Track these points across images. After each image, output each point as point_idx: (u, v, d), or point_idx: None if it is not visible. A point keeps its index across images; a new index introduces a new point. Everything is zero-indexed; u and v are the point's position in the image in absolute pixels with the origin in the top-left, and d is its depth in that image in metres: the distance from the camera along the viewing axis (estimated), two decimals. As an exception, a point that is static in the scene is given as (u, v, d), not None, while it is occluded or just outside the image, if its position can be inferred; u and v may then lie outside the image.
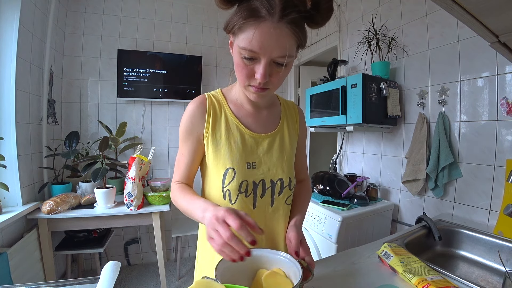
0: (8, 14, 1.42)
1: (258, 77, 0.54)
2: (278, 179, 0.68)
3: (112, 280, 0.59)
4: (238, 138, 0.66)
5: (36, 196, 1.67)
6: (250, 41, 0.51)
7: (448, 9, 0.48)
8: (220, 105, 0.68)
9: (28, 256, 1.45)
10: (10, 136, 1.44)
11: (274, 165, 0.68)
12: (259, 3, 0.49)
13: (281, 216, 0.69)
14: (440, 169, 1.29)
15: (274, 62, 0.54)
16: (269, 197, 0.67)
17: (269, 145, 0.69)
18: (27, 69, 1.58)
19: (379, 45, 1.59)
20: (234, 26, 0.53)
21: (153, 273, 2.22)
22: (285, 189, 0.69)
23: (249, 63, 0.55)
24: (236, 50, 0.56)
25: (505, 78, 1.09)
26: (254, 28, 0.50)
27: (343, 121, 1.51)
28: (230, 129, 0.66)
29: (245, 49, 0.52)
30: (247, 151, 0.66)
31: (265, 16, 0.49)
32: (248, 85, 0.59)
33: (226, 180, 0.64)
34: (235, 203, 0.64)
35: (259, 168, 0.66)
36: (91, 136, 2.19)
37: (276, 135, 0.71)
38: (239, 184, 0.63)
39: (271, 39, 0.50)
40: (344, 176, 1.76)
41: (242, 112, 0.69)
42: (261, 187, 0.66)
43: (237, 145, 0.65)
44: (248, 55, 0.53)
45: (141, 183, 1.73)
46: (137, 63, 2.22)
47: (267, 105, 0.73)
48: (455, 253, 1.06)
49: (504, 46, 0.60)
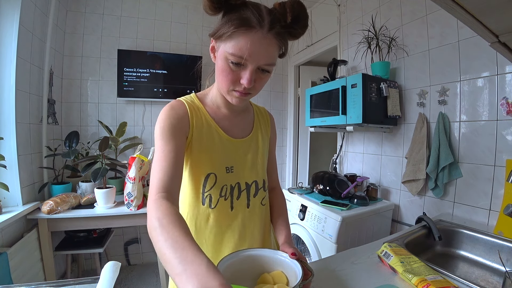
0: (8, 14, 1.42)
1: (244, 82, 0.56)
2: (253, 181, 0.71)
3: (112, 280, 0.59)
4: (219, 143, 0.67)
5: (36, 196, 1.67)
6: (241, 49, 0.53)
7: (448, 9, 0.48)
8: (198, 109, 0.67)
9: (28, 256, 1.45)
10: (10, 136, 1.44)
11: (249, 168, 0.70)
12: (250, 13, 0.53)
13: (257, 216, 0.72)
14: (440, 169, 1.29)
15: (259, 69, 0.57)
16: (245, 199, 0.70)
17: (245, 150, 0.71)
18: (27, 69, 1.58)
19: (379, 45, 1.59)
20: (224, 33, 0.55)
21: (153, 273, 2.22)
22: (260, 191, 0.72)
23: (236, 68, 0.56)
24: (222, 56, 0.57)
25: (505, 78, 1.09)
26: (246, 36, 0.53)
27: (343, 121, 1.51)
28: (211, 134, 0.66)
29: (235, 55, 0.54)
30: (226, 155, 0.68)
31: (256, 27, 0.52)
32: (232, 90, 0.60)
33: (207, 186, 0.65)
34: (215, 207, 0.66)
35: (236, 171, 0.68)
36: (91, 136, 2.19)
37: (251, 139, 0.73)
38: (220, 188, 0.65)
39: (260, 47, 0.54)
40: (344, 176, 1.76)
41: (219, 116, 0.70)
42: (237, 190, 0.68)
43: (217, 150, 0.66)
44: (236, 61, 0.55)
45: (141, 183, 1.73)
46: (137, 63, 2.22)
47: (242, 110, 0.75)
48: (455, 253, 1.06)
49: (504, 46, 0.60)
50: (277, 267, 0.58)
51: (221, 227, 0.67)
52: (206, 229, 0.67)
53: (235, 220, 0.68)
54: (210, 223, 0.67)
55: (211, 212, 0.66)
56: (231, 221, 0.68)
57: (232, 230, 0.68)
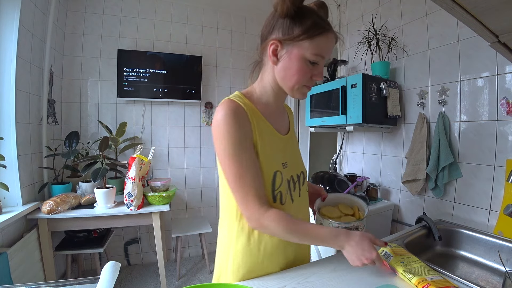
0: (8, 14, 1.42)
1: (318, 77, 0.65)
2: (301, 172, 0.77)
3: (112, 280, 0.59)
4: (275, 141, 0.70)
5: (36, 196, 1.67)
6: (322, 49, 0.61)
7: (448, 9, 0.48)
8: (253, 111, 0.66)
9: (28, 256, 1.45)
10: (10, 136, 1.44)
11: (295, 161, 0.76)
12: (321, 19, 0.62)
13: (305, 202, 0.80)
14: (440, 169, 1.29)
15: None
16: (298, 189, 0.75)
17: (290, 145, 0.76)
18: (27, 69, 1.58)
19: (379, 45, 1.59)
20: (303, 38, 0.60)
21: (153, 273, 2.22)
22: (305, 180, 0.79)
23: (312, 66, 0.63)
24: (298, 57, 0.61)
25: (505, 78, 1.09)
26: (326, 38, 0.61)
27: (343, 121, 1.51)
28: (268, 133, 0.68)
29: (318, 55, 0.61)
30: (281, 152, 0.71)
31: (330, 28, 0.62)
32: (303, 85, 0.65)
33: (276, 183, 0.66)
34: (285, 203, 0.68)
35: (290, 166, 0.72)
36: (91, 136, 2.19)
37: (292, 134, 0.79)
38: (286, 184, 0.69)
39: (332, 44, 0.64)
40: (344, 176, 1.76)
41: (267, 113, 0.70)
42: (291, 182, 0.73)
43: (275, 149, 0.69)
44: (316, 60, 0.62)
45: (141, 183, 1.73)
46: (137, 63, 2.21)
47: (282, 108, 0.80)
48: (455, 253, 1.06)
49: (504, 46, 0.60)
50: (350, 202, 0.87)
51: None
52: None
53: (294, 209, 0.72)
54: None
55: (281, 208, 0.67)
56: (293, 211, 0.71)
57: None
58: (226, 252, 0.70)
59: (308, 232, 0.63)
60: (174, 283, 2.11)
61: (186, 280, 2.16)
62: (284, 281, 0.67)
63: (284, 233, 0.61)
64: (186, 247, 2.56)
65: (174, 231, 2.17)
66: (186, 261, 2.47)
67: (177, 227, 2.25)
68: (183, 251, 2.53)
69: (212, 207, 2.64)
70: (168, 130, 2.45)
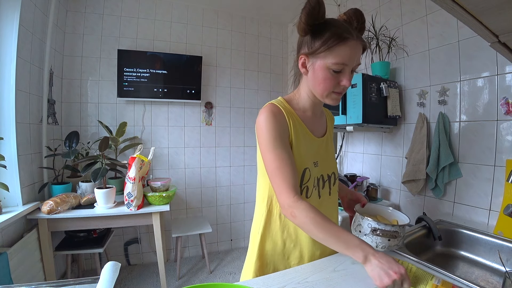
0: (8, 14, 1.42)
1: (346, 84, 0.68)
2: (332, 173, 0.83)
3: (112, 280, 0.59)
4: (309, 142, 0.78)
5: (36, 196, 1.67)
6: (342, 57, 0.66)
7: (448, 9, 0.48)
8: (291, 114, 0.76)
9: (28, 256, 1.45)
10: (10, 136, 1.44)
11: (328, 162, 0.83)
12: (340, 29, 0.65)
13: (334, 201, 0.86)
14: (440, 169, 1.29)
15: (352, 71, 0.69)
16: (328, 188, 0.82)
17: (324, 147, 0.83)
18: (27, 69, 1.58)
19: (379, 45, 1.59)
20: (323, 50, 0.66)
21: (153, 273, 2.22)
22: (336, 180, 0.85)
23: (336, 74, 0.68)
24: (322, 67, 0.68)
25: (505, 78, 1.09)
26: (345, 47, 0.65)
27: (343, 121, 1.51)
28: (303, 134, 0.77)
29: (338, 63, 0.66)
30: (314, 152, 0.79)
31: (350, 37, 0.65)
32: (331, 92, 0.71)
33: (305, 179, 0.75)
34: (310, 197, 0.77)
35: (320, 165, 0.79)
36: (91, 136, 2.19)
37: (327, 137, 0.85)
38: (313, 180, 0.77)
39: (356, 51, 0.67)
40: (344, 176, 1.76)
41: (304, 118, 0.79)
42: (321, 181, 0.80)
43: (308, 149, 0.77)
44: (338, 69, 0.67)
45: (141, 183, 1.72)
46: (137, 63, 2.21)
47: (321, 112, 0.86)
48: (455, 253, 1.06)
49: (504, 46, 0.60)
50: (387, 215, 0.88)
51: None
52: None
53: (321, 206, 0.78)
54: None
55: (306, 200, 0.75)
56: (319, 207, 0.74)
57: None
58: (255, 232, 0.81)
59: (333, 231, 0.62)
60: (174, 283, 2.11)
61: (186, 280, 2.16)
62: (284, 281, 0.67)
63: (311, 225, 0.63)
64: (186, 247, 2.56)
65: (174, 231, 2.17)
66: (186, 261, 2.47)
67: (177, 227, 2.25)
68: (183, 251, 2.53)
69: (212, 207, 2.64)
70: (168, 130, 2.45)
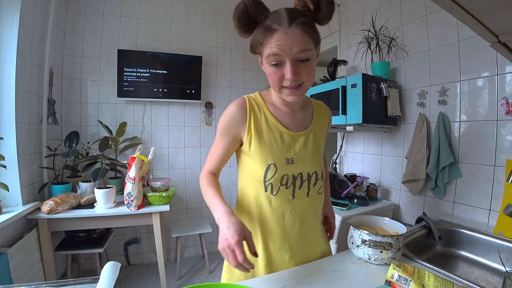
0: (8, 14, 1.42)
1: (288, 76, 0.63)
2: (313, 172, 0.77)
3: (112, 280, 0.59)
4: (278, 136, 0.74)
5: (36, 196, 1.67)
6: (271, 48, 0.61)
7: (448, 9, 0.48)
8: (259, 107, 0.75)
9: (28, 256, 1.45)
10: (10, 136, 1.44)
11: (309, 160, 0.77)
12: (270, 21, 0.61)
13: (314, 204, 0.80)
14: (440, 169, 1.29)
15: (298, 61, 0.63)
16: (306, 189, 0.76)
17: (304, 142, 0.77)
18: (27, 69, 1.58)
19: (379, 45, 1.59)
20: (257, 46, 0.66)
21: (153, 273, 2.22)
22: (318, 181, 0.79)
23: (278, 68, 0.64)
24: (265, 63, 0.66)
25: (505, 78, 1.09)
26: (271, 38, 0.61)
27: (343, 121, 1.51)
28: (270, 129, 0.74)
29: (270, 55, 0.62)
30: (286, 148, 0.74)
31: (277, 27, 0.60)
32: (282, 88, 0.67)
33: (268, 175, 0.72)
34: (277, 194, 0.73)
35: (297, 163, 0.74)
36: (91, 136, 2.19)
37: (310, 132, 0.79)
38: (280, 178, 0.72)
39: (286, 39, 0.60)
40: (344, 176, 1.76)
41: (279, 114, 0.76)
42: (299, 180, 0.75)
43: (277, 143, 0.73)
44: (274, 60, 0.63)
45: (141, 183, 1.72)
46: (137, 63, 2.21)
47: (301, 107, 0.80)
48: (455, 253, 1.06)
49: (504, 46, 0.60)
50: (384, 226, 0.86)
51: (282, 213, 0.75)
52: (269, 213, 0.75)
53: (296, 207, 0.75)
54: (273, 207, 0.74)
55: (272, 198, 0.74)
56: (292, 208, 0.75)
57: (293, 216, 0.75)
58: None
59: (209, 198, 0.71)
60: (174, 283, 2.11)
61: (186, 280, 2.16)
62: (284, 281, 0.67)
63: (202, 192, 0.75)
64: (186, 247, 2.56)
65: (174, 231, 2.17)
66: (186, 261, 2.47)
67: (177, 227, 2.25)
68: (183, 251, 2.53)
69: (212, 207, 2.64)
70: (168, 130, 2.45)
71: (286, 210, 0.75)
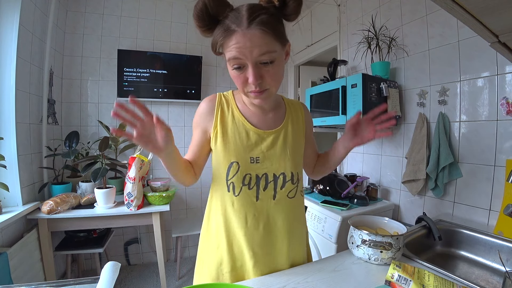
0: (8, 14, 1.42)
1: (250, 80, 0.59)
2: (281, 173, 0.72)
3: (112, 280, 0.59)
4: (243, 134, 0.70)
5: (36, 196, 1.67)
6: (231, 52, 0.58)
7: (448, 9, 0.48)
8: (228, 104, 0.74)
9: (28, 256, 1.45)
10: (10, 136, 1.44)
11: (277, 160, 0.72)
12: (229, 21, 0.57)
13: (283, 209, 0.72)
14: (440, 169, 1.29)
15: (261, 64, 0.59)
16: (272, 191, 0.71)
17: (273, 141, 0.72)
18: (27, 69, 1.58)
19: (379, 45, 1.59)
20: (217, 48, 0.62)
21: (153, 273, 2.22)
22: (287, 183, 0.72)
23: (240, 72, 0.60)
24: (228, 66, 0.62)
25: (505, 78, 1.09)
26: (230, 40, 0.57)
27: (343, 121, 1.51)
28: (236, 126, 0.71)
29: (230, 59, 0.59)
30: (251, 146, 0.70)
31: (236, 28, 0.56)
32: (247, 92, 0.64)
33: (230, 173, 0.69)
34: (239, 195, 0.69)
35: (263, 162, 0.70)
36: (91, 136, 2.19)
37: (280, 131, 0.74)
38: (242, 177, 0.69)
39: (245, 42, 0.56)
40: (344, 176, 1.76)
41: (248, 112, 0.74)
42: (264, 181, 0.70)
43: (241, 141, 0.70)
44: (235, 64, 0.59)
45: (141, 183, 1.72)
46: (137, 63, 2.22)
47: (273, 108, 0.76)
48: (455, 253, 1.06)
49: (504, 46, 0.60)
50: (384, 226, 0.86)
51: (245, 215, 0.70)
52: (232, 215, 0.71)
53: (260, 210, 0.70)
54: (235, 209, 0.70)
55: (235, 199, 0.70)
56: (255, 210, 0.70)
57: (256, 220, 0.70)
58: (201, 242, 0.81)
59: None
60: (174, 283, 2.11)
61: (186, 280, 2.16)
62: (284, 281, 0.67)
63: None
64: (186, 247, 2.56)
65: (174, 231, 2.17)
66: (186, 261, 2.47)
67: (177, 227, 2.24)
68: (183, 251, 2.53)
69: (212, 207, 2.64)
70: (168, 130, 2.45)
71: (249, 212, 0.69)
